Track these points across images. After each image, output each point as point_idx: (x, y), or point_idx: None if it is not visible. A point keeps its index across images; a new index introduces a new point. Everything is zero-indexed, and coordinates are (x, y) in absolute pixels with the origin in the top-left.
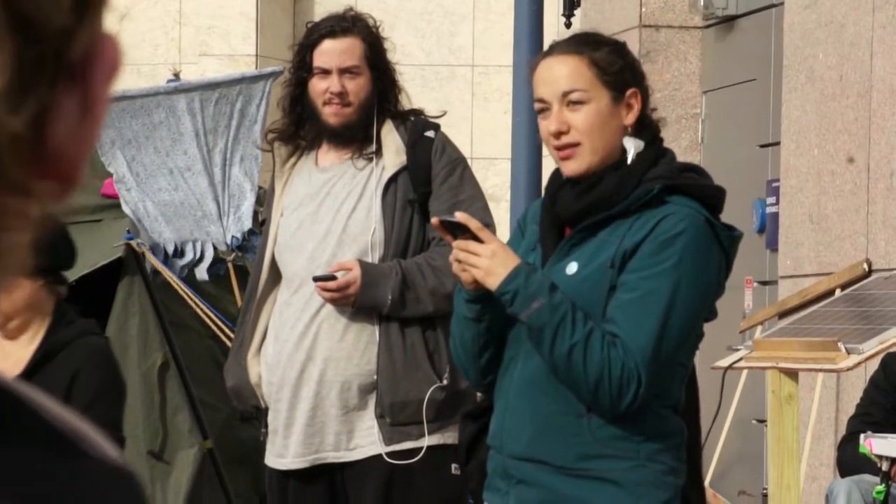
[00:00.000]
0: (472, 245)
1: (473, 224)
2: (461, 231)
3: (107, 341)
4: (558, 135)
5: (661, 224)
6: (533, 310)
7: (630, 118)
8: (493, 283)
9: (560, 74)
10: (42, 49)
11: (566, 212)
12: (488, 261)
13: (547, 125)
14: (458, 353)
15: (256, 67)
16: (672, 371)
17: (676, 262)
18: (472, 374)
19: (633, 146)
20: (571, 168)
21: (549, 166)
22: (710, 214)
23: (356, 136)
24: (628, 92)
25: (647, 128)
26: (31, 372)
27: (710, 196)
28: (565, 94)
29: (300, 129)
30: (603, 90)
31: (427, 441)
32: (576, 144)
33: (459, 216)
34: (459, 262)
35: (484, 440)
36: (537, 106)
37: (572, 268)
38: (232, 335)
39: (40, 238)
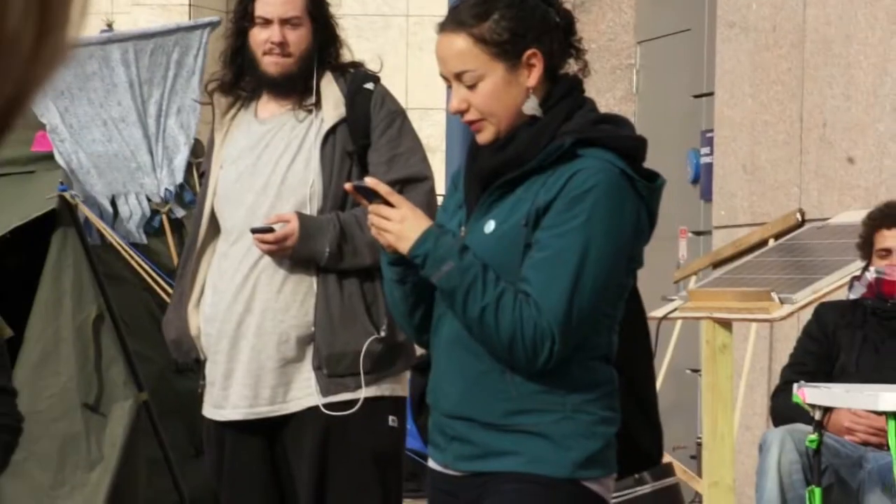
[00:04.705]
0: (383, 209)
1: (383, 189)
2: (375, 195)
3: None
4: (460, 112)
5: (572, 180)
6: (443, 272)
7: (532, 79)
8: (404, 246)
9: (450, 55)
10: None
11: (483, 169)
12: (399, 225)
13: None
14: (394, 312)
15: (190, 17)
16: (596, 322)
17: (587, 219)
18: (408, 331)
19: (531, 110)
20: (482, 139)
21: None
22: (628, 165)
23: (296, 88)
24: (526, 54)
25: (559, 81)
26: None
27: (626, 147)
28: (457, 74)
29: (240, 80)
30: (495, 63)
31: (364, 393)
32: (480, 119)
33: (369, 181)
34: (375, 226)
35: None
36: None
37: (490, 226)
38: (167, 287)
39: None
